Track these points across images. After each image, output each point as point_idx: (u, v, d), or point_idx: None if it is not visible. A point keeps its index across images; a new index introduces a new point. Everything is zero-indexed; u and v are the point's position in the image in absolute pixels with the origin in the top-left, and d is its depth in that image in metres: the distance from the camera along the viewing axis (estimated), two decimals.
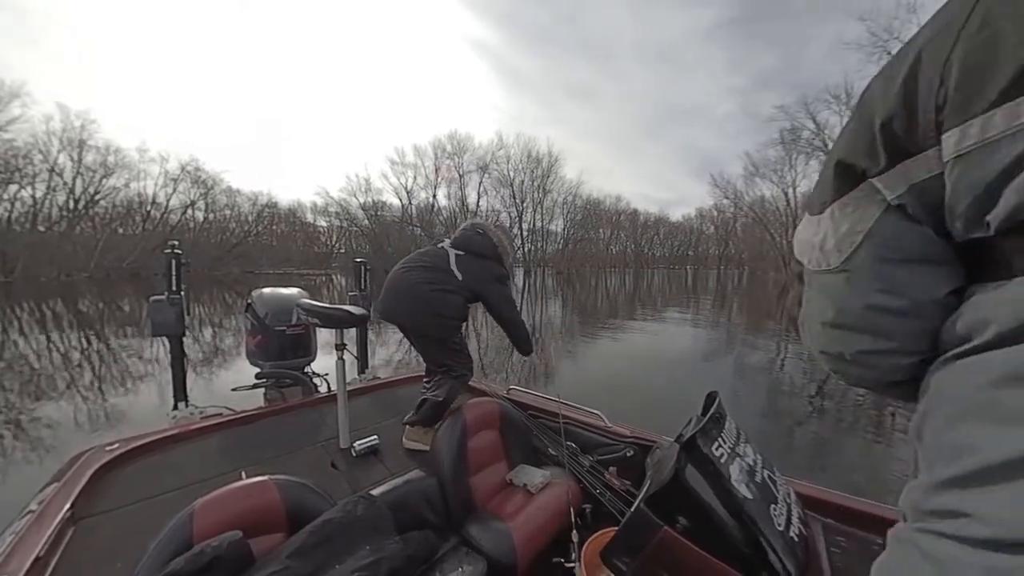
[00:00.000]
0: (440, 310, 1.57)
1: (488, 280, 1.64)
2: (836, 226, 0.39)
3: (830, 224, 0.40)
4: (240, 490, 0.99)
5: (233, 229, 45.09)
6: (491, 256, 1.67)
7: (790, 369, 5.57)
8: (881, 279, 0.37)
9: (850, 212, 0.37)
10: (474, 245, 1.66)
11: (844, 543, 1.03)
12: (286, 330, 2.12)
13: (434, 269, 1.60)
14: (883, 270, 0.37)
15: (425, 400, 1.64)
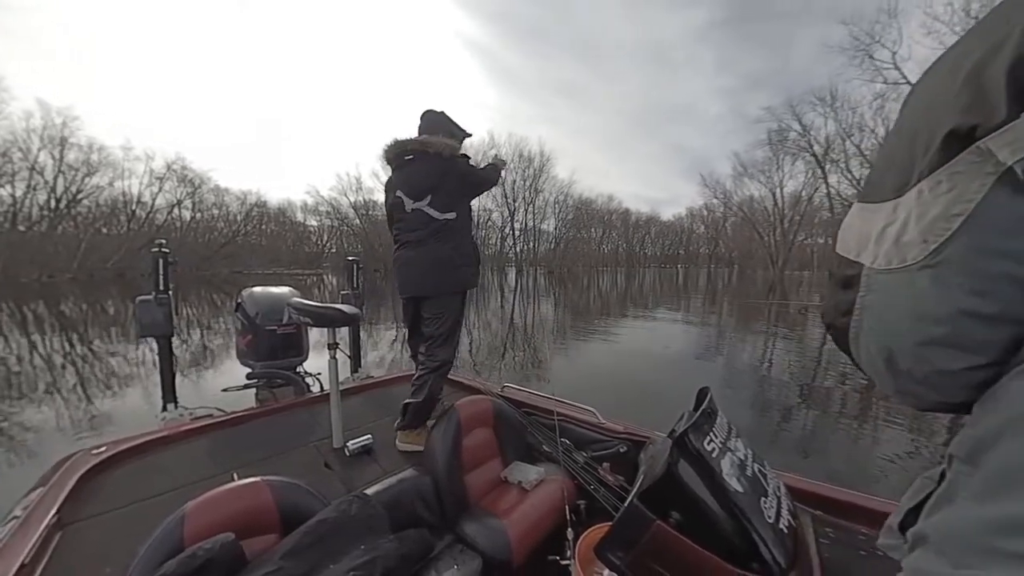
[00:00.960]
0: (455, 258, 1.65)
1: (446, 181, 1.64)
2: (923, 210, 0.31)
3: (914, 207, 0.31)
4: (232, 491, 0.98)
5: (221, 228, 44.41)
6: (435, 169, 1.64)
7: (777, 361, 5.66)
8: (980, 277, 0.29)
9: (945, 191, 0.29)
10: (416, 176, 1.66)
11: (832, 534, 1.05)
12: (277, 329, 2.10)
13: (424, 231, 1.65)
14: (984, 265, 0.29)
15: (408, 404, 1.63)
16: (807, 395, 4.42)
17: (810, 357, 6.11)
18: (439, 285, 1.66)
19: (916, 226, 0.31)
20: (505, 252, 54.65)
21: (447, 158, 1.63)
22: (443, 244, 1.64)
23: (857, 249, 0.37)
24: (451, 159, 1.64)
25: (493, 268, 51.40)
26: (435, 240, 1.64)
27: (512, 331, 8.36)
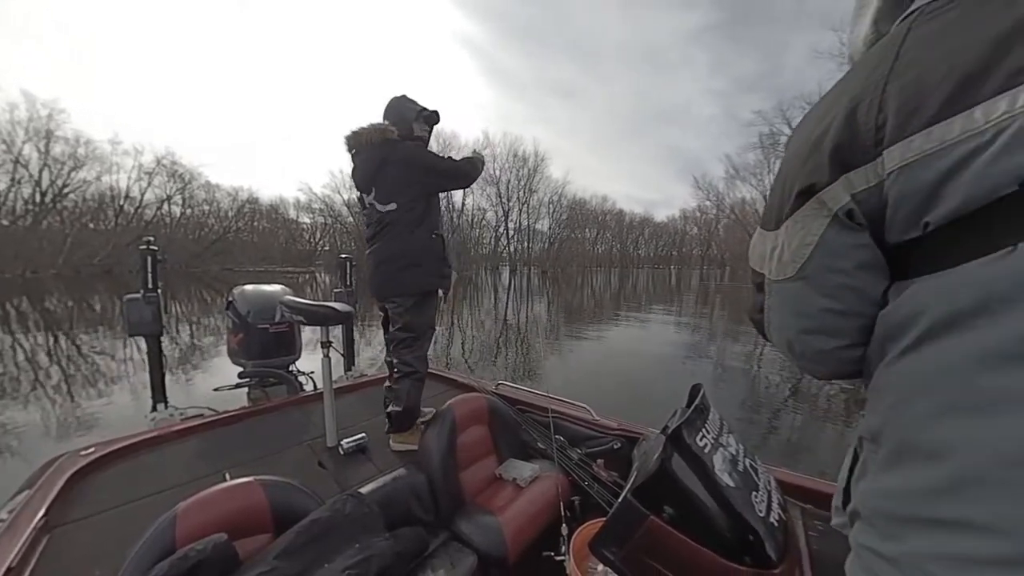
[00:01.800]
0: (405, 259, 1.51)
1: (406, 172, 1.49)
2: (789, 239, 0.44)
3: (785, 237, 0.45)
4: (224, 492, 0.97)
5: (212, 225, 43.79)
6: (373, 156, 1.51)
7: (767, 359, 5.74)
8: (828, 286, 0.42)
9: (800, 228, 0.43)
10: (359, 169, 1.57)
11: (821, 527, 1.08)
12: (269, 328, 2.08)
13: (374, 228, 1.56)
14: (831, 277, 0.42)
15: (390, 413, 1.58)
16: (793, 390, 4.49)
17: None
18: (383, 288, 1.55)
19: (788, 250, 0.44)
20: (499, 251, 54.65)
21: (379, 144, 1.49)
22: (389, 242, 1.51)
23: (760, 263, 0.50)
24: (387, 143, 1.49)
25: (487, 267, 51.38)
26: (381, 237, 1.53)
27: (506, 330, 8.36)
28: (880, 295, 0.40)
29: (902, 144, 0.34)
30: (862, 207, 0.38)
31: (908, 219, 0.36)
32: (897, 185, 0.35)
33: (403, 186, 1.49)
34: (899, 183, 0.35)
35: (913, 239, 0.36)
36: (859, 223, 0.39)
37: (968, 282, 0.32)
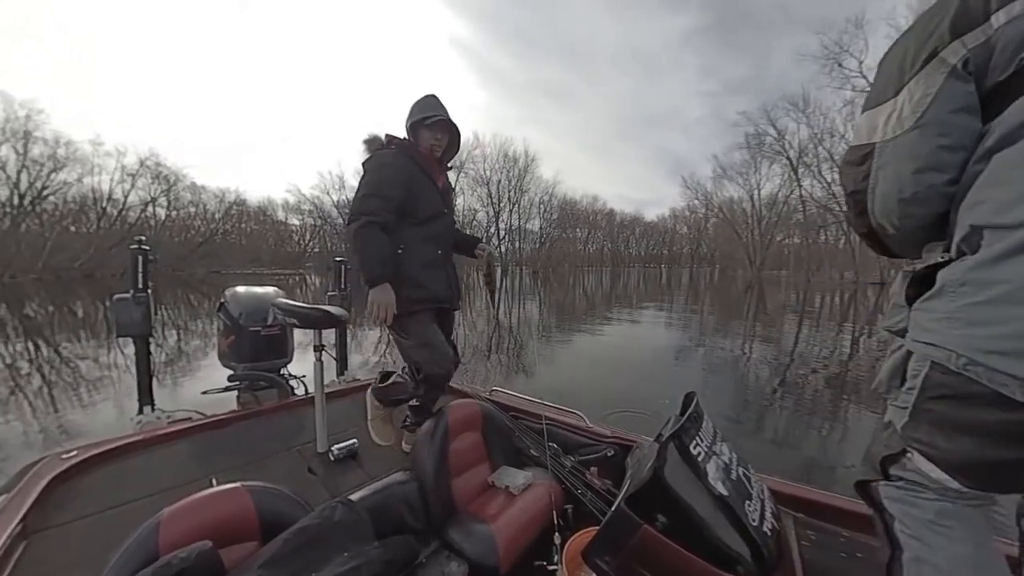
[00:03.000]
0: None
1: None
2: (911, 95, 0.59)
3: (907, 96, 0.60)
4: (210, 498, 0.95)
5: (198, 227, 43.11)
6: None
7: (756, 357, 5.81)
8: (943, 125, 0.57)
9: (922, 83, 0.58)
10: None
11: (814, 536, 1.09)
12: (261, 330, 2.05)
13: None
14: (946, 118, 0.57)
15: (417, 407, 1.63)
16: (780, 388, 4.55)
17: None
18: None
19: (909, 106, 0.59)
20: None
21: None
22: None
23: (868, 136, 0.65)
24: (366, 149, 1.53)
25: (477, 268, 51.14)
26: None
27: (498, 330, 8.34)
28: (978, 132, 0.56)
29: (1006, 8, 0.51)
30: (974, 58, 0.54)
31: (1009, 58, 0.52)
32: (1003, 36, 0.52)
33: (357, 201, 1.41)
34: (1004, 35, 0.52)
35: (1011, 75, 0.52)
36: (969, 72, 0.55)
37: None
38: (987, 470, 0.58)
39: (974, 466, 0.59)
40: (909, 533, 0.66)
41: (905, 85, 0.59)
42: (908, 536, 0.66)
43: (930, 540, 0.63)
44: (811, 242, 42.85)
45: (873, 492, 0.71)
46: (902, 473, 0.67)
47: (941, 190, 0.59)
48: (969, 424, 0.57)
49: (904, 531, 0.66)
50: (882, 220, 0.67)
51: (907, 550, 0.66)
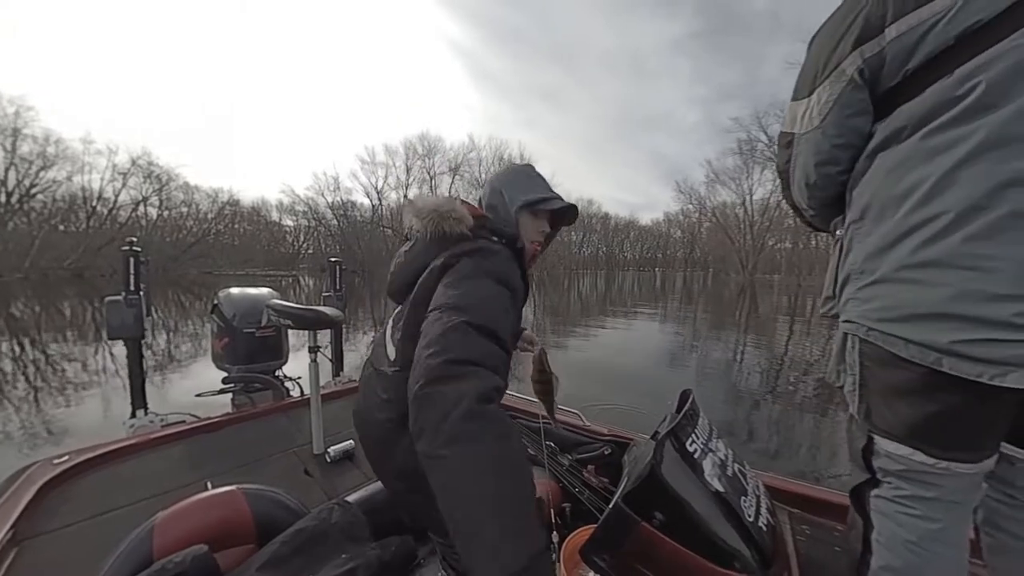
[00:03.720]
0: None
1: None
2: (820, 98, 0.70)
3: (816, 98, 0.71)
4: (205, 501, 0.94)
5: (190, 227, 42.64)
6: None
7: (748, 361, 5.87)
8: (839, 127, 0.69)
9: (828, 89, 0.69)
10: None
11: (808, 531, 1.11)
12: (255, 332, 2.04)
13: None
14: (841, 122, 0.69)
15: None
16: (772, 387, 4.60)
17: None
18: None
19: (817, 107, 0.71)
20: None
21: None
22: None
23: (791, 126, 0.78)
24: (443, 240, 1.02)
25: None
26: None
27: None
28: (867, 132, 0.68)
29: (898, 23, 0.59)
30: (869, 67, 0.63)
31: (897, 68, 0.61)
32: (893, 47, 0.60)
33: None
34: (894, 46, 0.60)
35: (898, 83, 0.62)
36: (864, 80, 0.65)
37: (928, 96, 0.59)
38: (928, 429, 0.64)
39: (918, 428, 0.65)
40: (883, 543, 0.70)
41: (816, 89, 0.70)
42: (880, 546, 0.71)
43: (907, 559, 0.68)
44: (802, 247, 43.40)
45: (864, 500, 0.74)
46: (881, 463, 0.71)
47: (836, 179, 0.74)
48: (894, 387, 0.67)
49: (879, 540, 0.71)
50: (798, 198, 0.84)
51: (878, 558, 0.71)
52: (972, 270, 0.55)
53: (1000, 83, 0.53)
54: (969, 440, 0.65)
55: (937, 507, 0.67)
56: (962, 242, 0.56)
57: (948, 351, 0.57)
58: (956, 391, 0.60)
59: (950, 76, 0.56)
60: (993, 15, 0.53)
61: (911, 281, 0.61)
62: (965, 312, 0.56)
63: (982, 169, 0.54)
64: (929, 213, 0.58)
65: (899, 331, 0.62)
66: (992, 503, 0.72)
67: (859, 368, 0.72)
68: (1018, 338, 0.53)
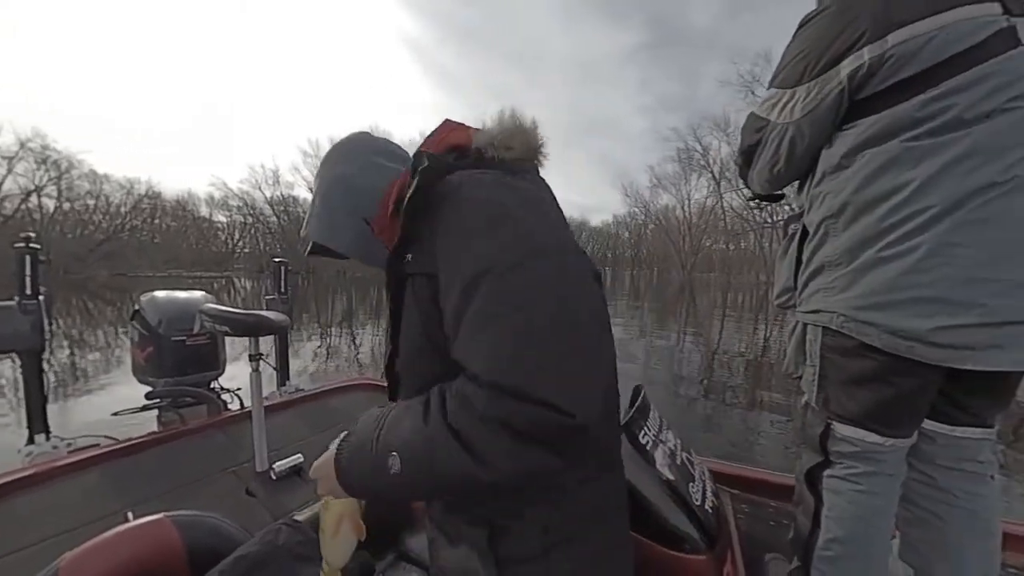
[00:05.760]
0: None
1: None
2: (807, 93, 0.72)
3: (803, 92, 0.73)
4: (125, 535, 0.84)
5: (99, 222, 37.70)
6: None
7: (688, 347, 6.33)
8: (818, 125, 0.74)
9: (816, 87, 0.72)
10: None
11: (747, 509, 1.22)
12: (186, 340, 1.84)
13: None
14: (822, 121, 0.73)
15: None
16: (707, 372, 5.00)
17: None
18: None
19: (802, 103, 0.74)
20: None
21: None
22: None
23: (767, 112, 0.80)
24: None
25: None
26: None
27: None
28: (829, 137, 0.74)
29: (900, 31, 0.63)
30: (865, 71, 0.66)
31: (890, 74, 0.65)
32: (894, 52, 0.64)
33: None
34: (896, 51, 0.64)
35: (885, 88, 0.66)
36: (852, 84, 0.68)
37: (915, 104, 0.64)
38: (882, 411, 0.72)
39: (873, 412, 0.72)
40: (832, 518, 0.78)
41: (804, 83, 0.73)
42: (830, 520, 0.78)
43: (852, 529, 0.76)
44: (733, 248, 47.54)
45: (817, 481, 0.81)
46: (837, 447, 0.78)
47: (799, 172, 0.81)
48: (856, 376, 0.73)
49: (829, 516, 0.78)
50: (755, 179, 0.89)
51: (826, 532, 0.78)
52: (948, 258, 0.62)
53: (977, 103, 0.61)
54: (911, 418, 0.74)
55: (880, 482, 0.75)
56: (942, 234, 0.62)
57: (922, 338, 0.64)
58: (912, 376, 0.67)
59: (936, 89, 0.63)
60: (976, 42, 0.61)
61: (893, 268, 0.66)
62: (938, 295, 0.62)
63: (960, 174, 0.62)
64: (913, 209, 0.64)
65: (874, 318, 0.67)
66: (911, 482, 0.81)
67: (819, 359, 0.78)
68: (978, 321, 0.60)
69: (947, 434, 0.78)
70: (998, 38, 0.61)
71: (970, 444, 0.77)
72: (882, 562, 0.79)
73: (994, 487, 0.79)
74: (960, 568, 0.77)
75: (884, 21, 0.64)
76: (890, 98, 0.67)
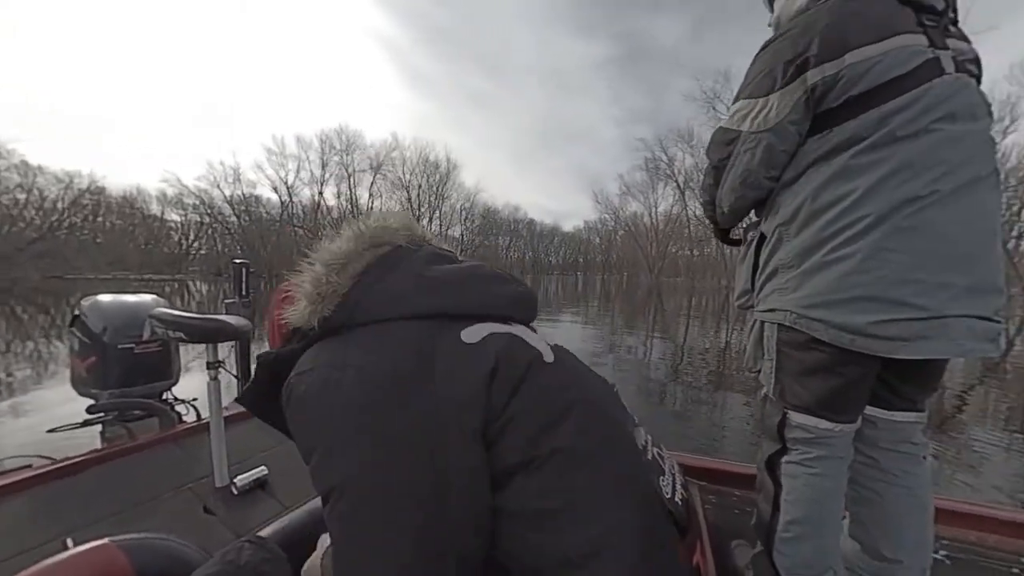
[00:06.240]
0: None
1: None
2: (778, 102, 0.78)
3: (774, 102, 0.78)
4: (64, 564, 0.76)
5: (31, 219, 34.38)
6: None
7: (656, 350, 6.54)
8: (786, 133, 0.78)
9: (786, 96, 0.77)
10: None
11: (714, 499, 1.28)
12: (135, 348, 1.71)
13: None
14: (791, 129, 0.78)
15: None
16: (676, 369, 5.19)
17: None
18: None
19: (774, 112, 0.79)
20: None
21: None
22: None
23: (738, 124, 0.84)
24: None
25: None
26: None
27: None
28: (800, 142, 0.79)
29: (855, 51, 0.70)
30: (823, 83, 0.73)
31: (842, 92, 0.72)
32: (848, 72, 0.71)
33: None
34: (849, 71, 0.71)
35: (838, 105, 0.73)
36: (814, 96, 0.74)
37: (860, 122, 0.72)
38: (832, 399, 0.79)
39: (824, 400, 0.79)
40: (790, 502, 0.84)
41: (774, 92, 0.78)
42: (788, 504, 0.84)
43: (808, 511, 0.83)
44: (697, 254, 49.75)
45: (776, 468, 0.87)
46: (792, 434, 0.84)
47: (766, 184, 0.84)
48: (808, 368, 0.79)
49: (787, 499, 0.85)
50: (724, 195, 0.90)
51: (785, 515, 0.84)
52: (882, 262, 0.70)
53: (908, 123, 0.69)
54: (856, 404, 0.82)
55: (832, 465, 0.82)
56: (877, 240, 0.70)
57: (861, 331, 0.71)
58: (855, 365, 0.75)
59: (877, 109, 0.70)
60: (911, 69, 0.69)
61: (836, 270, 0.73)
62: (874, 294, 0.70)
63: (892, 187, 0.69)
64: (854, 217, 0.72)
65: (821, 315, 0.75)
66: (856, 465, 0.88)
67: (776, 353, 0.84)
68: (908, 316, 0.68)
69: (885, 418, 0.86)
70: (926, 67, 0.70)
71: (905, 427, 0.85)
72: (835, 540, 0.86)
73: (927, 466, 0.87)
74: (899, 541, 0.85)
75: (841, 43, 0.71)
76: (843, 114, 0.74)
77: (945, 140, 0.69)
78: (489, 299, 0.59)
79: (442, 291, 0.56)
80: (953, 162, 0.69)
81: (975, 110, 0.72)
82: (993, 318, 0.71)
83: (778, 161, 0.80)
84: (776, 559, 0.86)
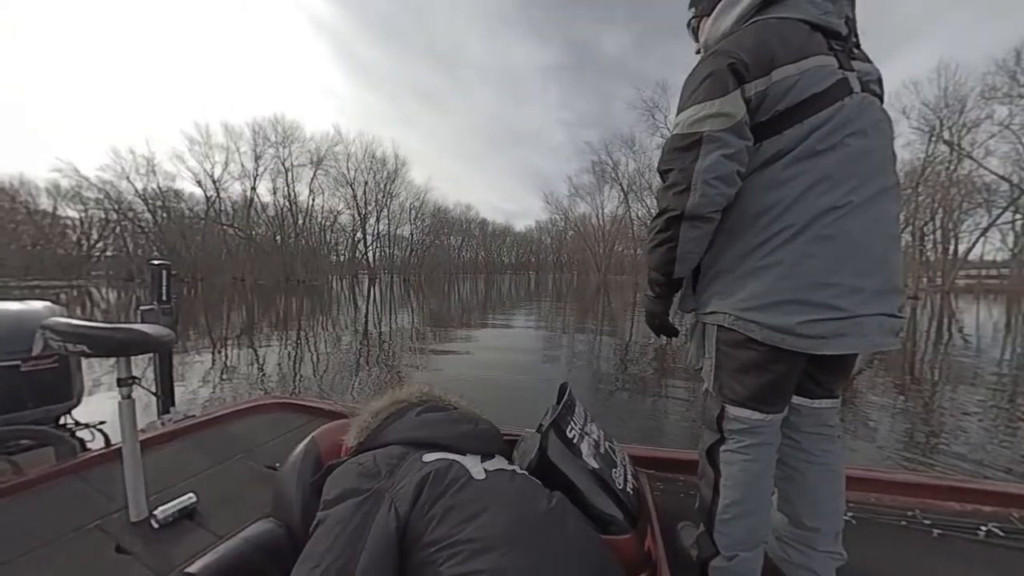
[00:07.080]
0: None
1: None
2: (732, 105, 0.81)
3: (729, 104, 0.81)
4: None
5: None
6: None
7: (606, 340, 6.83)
8: (743, 132, 0.82)
9: (732, 100, 0.81)
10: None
11: (662, 486, 1.35)
12: (20, 365, 1.46)
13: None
14: (747, 127, 0.82)
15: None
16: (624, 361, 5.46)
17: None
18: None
19: (733, 107, 0.80)
20: (358, 258, 50.58)
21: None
22: None
23: (699, 125, 0.83)
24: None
25: (342, 276, 46.87)
26: None
27: (367, 343, 7.75)
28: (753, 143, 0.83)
29: (779, 69, 0.78)
30: (756, 98, 0.80)
31: (770, 107, 0.80)
32: (774, 89, 0.78)
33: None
34: (774, 88, 0.78)
35: (767, 120, 0.80)
36: (749, 107, 0.81)
37: (786, 136, 0.79)
38: (763, 393, 0.87)
39: (756, 393, 0.88)
40: (728, 486, 0.93)
41: (729, 94, 0.80)
42: (727, 488, 0.93)
43: (744, 493, 0.91)
44: (640, 253, 52.74)
45: (715, 456, 0.95)
46: (730, 425, 0.93)
47: (736, 178, 0.84)
48: (743, 365, 0.87)
49: (726, 484, 0.93)
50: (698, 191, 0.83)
51: (723, 498, 0.93)
52: (806, 268, 0.78)
53: (825, 138, 0.77)
54: (785, 396, 0.91)
55: (763, 451, 0.91)
56: (800, 247, 0.78)
57: (791, 331, 0.79)
58: (785, 362, 0.83)
59: (800, 125, 0.78)
60: (826, 87, 0.78)
61: (768, 275, 0.81)
62: (800, 297, 0.78)
63: (813, 197, 0.78)
64: (781, 225, 0.80)
65: (756, 317, 0.82)
66: (783, 447, 0.99)
67: (715, 352, 0.92)
68: (829, 317, 0.77)
69: (808, 406, 0.97)
70: (838, 86, 0.79)
71: (823, 412, 0.97)
72: (766, 516, 0.96)
73: (839, 444, 1.00)
74: (818, 510, 0.96)
75: (769, 60, 0.79)
76: (772, 128, 0.81)
77: (857, 154, 0.78)
78: (451, 437, 0.90)
79: (421, 429, 0.92)
80: (863, 175, 0.78)
81: (881, 126, 0.82)
82: (897, 314, 0.82)
83: (744, 157, 0.83)
84: (716, 538, 0.94)
